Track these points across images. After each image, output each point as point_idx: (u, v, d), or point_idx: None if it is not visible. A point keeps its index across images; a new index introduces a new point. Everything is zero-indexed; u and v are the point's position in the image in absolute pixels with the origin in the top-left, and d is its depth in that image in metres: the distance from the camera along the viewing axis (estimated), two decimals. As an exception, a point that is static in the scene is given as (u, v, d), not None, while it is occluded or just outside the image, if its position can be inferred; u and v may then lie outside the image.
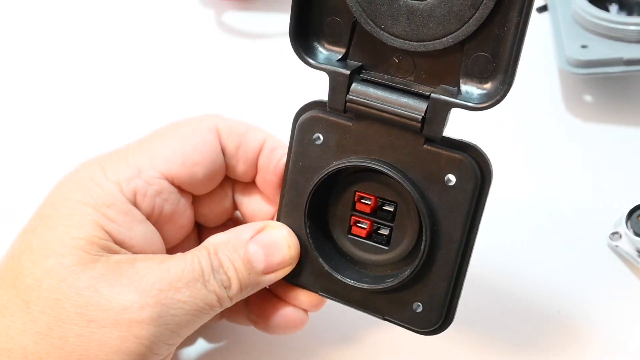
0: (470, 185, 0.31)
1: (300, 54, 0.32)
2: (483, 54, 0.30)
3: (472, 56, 0.30)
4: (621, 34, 0.51)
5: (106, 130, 0.54)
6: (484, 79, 0.30)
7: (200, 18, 0.62)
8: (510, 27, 0.29)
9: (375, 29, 0.31)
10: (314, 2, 0.32)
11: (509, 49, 0.29)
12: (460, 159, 0.31)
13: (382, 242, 0.34)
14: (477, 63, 0.30)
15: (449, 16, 0.29)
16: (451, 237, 0.32)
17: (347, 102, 0.32)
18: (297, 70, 0.35)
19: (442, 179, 0.32)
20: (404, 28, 0.30)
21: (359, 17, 0.31)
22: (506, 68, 0.29)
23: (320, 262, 0.35)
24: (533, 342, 0.41)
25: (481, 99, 0.30)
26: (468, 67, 0.30)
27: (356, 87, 0.32)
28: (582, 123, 0.53)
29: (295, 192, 0.35)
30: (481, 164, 0.32)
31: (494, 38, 0.29)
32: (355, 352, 0.41)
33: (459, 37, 0.30)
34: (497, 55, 0.30)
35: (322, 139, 0.34)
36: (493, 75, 0.30)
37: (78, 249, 0.31)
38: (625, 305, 0.43)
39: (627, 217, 0.44)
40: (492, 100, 0.29)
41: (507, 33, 0.29)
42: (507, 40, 0.29)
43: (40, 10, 0.64)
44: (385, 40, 0.31)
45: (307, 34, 0.33)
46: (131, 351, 0.31)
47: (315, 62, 0.32)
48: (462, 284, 0.34)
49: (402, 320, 0.35)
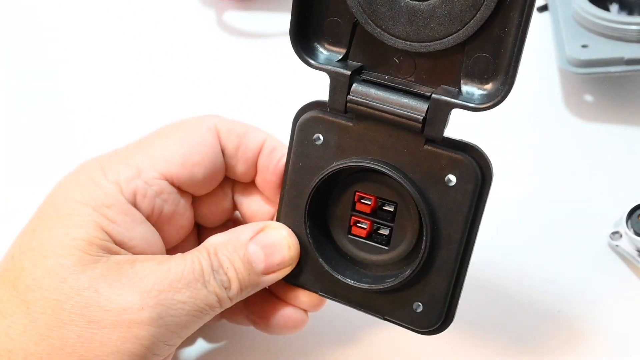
0: (471, 185, 0.31)
1: (300, 55, 0.32)
2: (484, 55, 0.30)
3: (473, 57, 0.30)
4: (622, 33, 0.51)
5: (106, 130, 0.54)
6: (485, 79, 0.30)
7: (201, 18, 0.62)
8: (511, 28, 0.29)
9: (376, 29, 0.31)
10: (314, 3, 0.32)
11: (510, 50, 0.29)
12: (461, 159, 0.31)
13: (382, 242, 0.34)
14: (478, 64, 0.30)
15: (450, 17, 0.29)
16: (451, 238, 0.32)
17: (347, 102, 0.32)
18: (297, 70, 0.35)
19: (443, 180, 0.32)
20: (404, 29, 0.30)
21: (359, 17, 0.31)
22: (507, 69, 0.29)
23: (320, 263, 0.34)
24: (533, 342, 0.41)
25: (482, 99, 0.30)
26: (469, 68, 0.30)
27: (357, 87, 0.32)
28: (582, 123, 0.53)
29: (295, 193, 0.35)
30: (482, 164, 0.32)
31: (495, 39, 0.29)
32: (355, 352, 0.41)
33: (460, 38, 0.30)
34: (498, 55, 0.30)
35: (322, 139, 0.34)
36: (494, 75, 0.30)
37: (78, 249, 0.31)
38: (626, 304, 0.43)
39: (627, 217, 0.44)
40: (493, 101, 0.29)
41: (508, 34, 0.29)
42: (508, 41, 0.29)
43: (40, 11, 0.64)
44: (386, 40, 0.31)
45: (307, 34, 0.32)
46: (131, 352, 0.31)
47: (316, 63, 0.32)
48: (462, 283, 0.33)
49: (402, 320, 0.35)
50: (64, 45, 0.61)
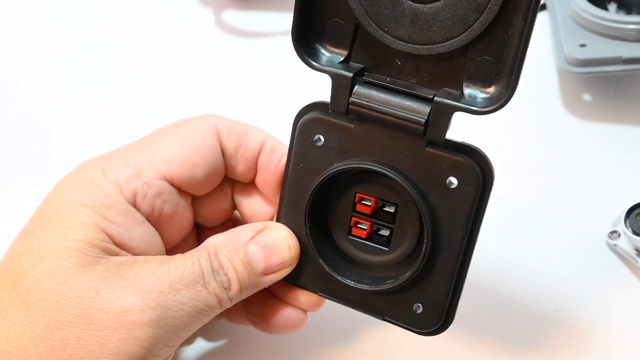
0: (472, 188, 0.31)
1: (302, 56, 0.32)
2: (487, 58, 0.30)
3: (475, 60, 0.30)
4: (620, 32, 0.51)
5: (105, 131, 0.54)
6: (488, 82, 0.30)
7: (199, 17, 0.62)
8: (514, 32, 0.29)
9: (379, 31, 0.31)
10: (316, 4, 0.32)
11: (514, 54, 0.29)
12: (463, 162, 0.31)
13: (383, 243, 0.34)
14: (481, 67, 0.30)
15: (454, 20, 0.29)
16: (452, 240, 0.32)
17: (349, 104, 0.32)
18: (297, 70, 0.35)
19: (444, 182, 0.32)
20: (407, 31, 0.30)
21: (362, 19, 0.31)
22: (510, 72, 0.29)
23: (320, 263, 0.34)
24: (531, 341, 0.42)
25: (484, 103, 0.30)
26: (471, 71, 0.30)
27: (359, 89, 0.32)
28: (580, 122, 0.53)
29: (296, 193, 0.35)
30: (483, 167, 0.31)
31: (499, 42, 0.29)
32: (355, 352, 0.41)
33: (463, 41, 0.29)
34: (501, 59, 0.29)
35: (323, 141, 0.33)
36: (497, 79, 0.30)
37: (78, 251, 0.31)
38: (624, 304, 0.43)
39: (625, 216, 0.44)
40: (496, 105, 0.29)
41: (512, 37, 0.29)
42: (512, 45, 0.29)
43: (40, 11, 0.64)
44: (389, 43, 0.31)
45: (309, 36, 0.32)
46: (131, 353, 0.31)
47: (318, 64, 0.32)
48: (462, 285, 0.33)
49: (402, 321, 0.35)
50: (63, 45, 0.61)
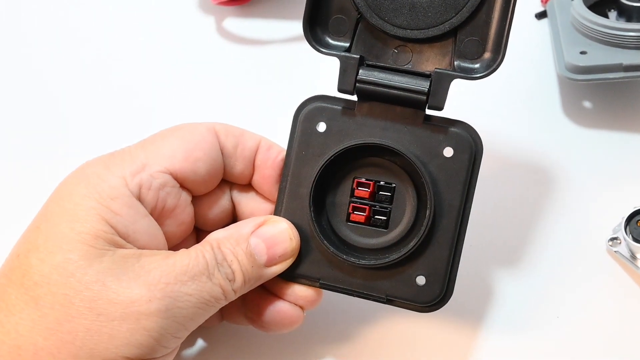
0: (467, 155, 0.35)
1: (312, 44, 0.37)
2: (474, 39, 0.36)
3: (464, 41, 0.36)
4: (620, 40, 0.51)
5: (107, 136, 0.54)
6: (475, 59, 0.36)
7: (201, 25, 0.62)
8: (496, 13, 0.35)
9: (380, 21, 0.36)
10: (322, 2, 0.36)
11: (498, 32, 0.35)
12: (457, 132, 0.35)
13: (381, 225, 0.36)
14: (469, 46, 0.36)
15: (446, 6, 0.35)
16: (451, 205, 0.35)
17: (357, 82, 0.36)
18: (297, 77, 0.36)
19: (441, 152, 0.35)
20: (405, 19, 0.36)
21: (364, 11, 0.36)
22: (497, 47, 0.35)
23: (323, 247, 0.36)
24: (531, 347, 0.41)
25: (478, 71, 0.36)
26: (461, 51, 0.36)
27: (363, 70, 0.36)
28: (581, 129, 0.53)
29: (297, 182, 0.36)
30: (473, 135, 0.36)
31: (483, 23, 0.35)
32: (355, 352, 0.42)
33: (455, 23, 0.35)
34: (486, 38, 0.35)
35: (326, 127, 0.36)
36: (483, 55, 0.36)
37: (84, 243, 0.32)
38: (624, 310, 0.43)
39: (625, 223, 0.44)
40: (489, 70, 0.35)
41: (495, 18, 0.35)
42: (495, 24, 0.35)
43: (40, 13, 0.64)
44: (388, 30, 0.36)
45: (316, 29, 0.37)
46: (140, 344, 0.31)
47: (326, 50, 0.37)
48: (460, 253, 0.36)
49: (405, 297, 0.36)
50: (65, 50, 0.61)
